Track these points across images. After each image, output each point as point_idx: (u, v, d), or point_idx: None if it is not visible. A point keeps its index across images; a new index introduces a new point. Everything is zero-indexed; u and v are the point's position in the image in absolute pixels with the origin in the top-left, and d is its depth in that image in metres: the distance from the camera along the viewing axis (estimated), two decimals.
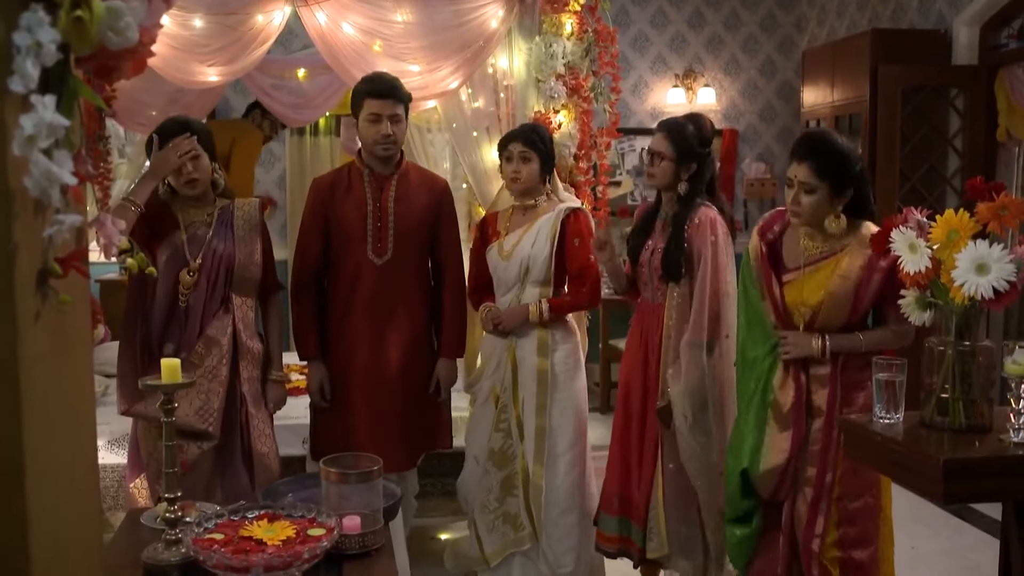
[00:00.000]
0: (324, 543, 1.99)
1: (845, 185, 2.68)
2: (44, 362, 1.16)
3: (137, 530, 2.36)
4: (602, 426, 5.75)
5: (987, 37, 5.76)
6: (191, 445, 2.97)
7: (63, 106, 1.11)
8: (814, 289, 2.73)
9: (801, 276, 2.77)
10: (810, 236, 2.78)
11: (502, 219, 3.51)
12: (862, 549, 2.71)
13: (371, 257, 3.29)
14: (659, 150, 3.23)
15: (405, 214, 3.31)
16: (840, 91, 6.20)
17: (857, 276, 2.67)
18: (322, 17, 4.04)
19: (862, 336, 2.72)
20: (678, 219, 3.21)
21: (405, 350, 3.35)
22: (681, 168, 3.21)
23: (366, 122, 3.22)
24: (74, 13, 1.08)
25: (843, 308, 2.70)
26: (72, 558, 1.30)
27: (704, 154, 3.24)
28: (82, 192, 1.25)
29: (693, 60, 7.51)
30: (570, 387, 3.41)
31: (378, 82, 3.27)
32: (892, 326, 2.70)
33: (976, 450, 2.13)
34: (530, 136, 3.35)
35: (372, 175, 3.32)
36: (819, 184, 2.67)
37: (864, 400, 2.69)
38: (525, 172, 3.35)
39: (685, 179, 3.22)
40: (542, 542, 3.36)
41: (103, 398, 4.37)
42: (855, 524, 2.72)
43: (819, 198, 2.68)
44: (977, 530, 4.35)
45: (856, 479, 2.71)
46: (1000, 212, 2.11)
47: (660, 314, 3.26)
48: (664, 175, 3.23)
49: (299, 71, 5.33)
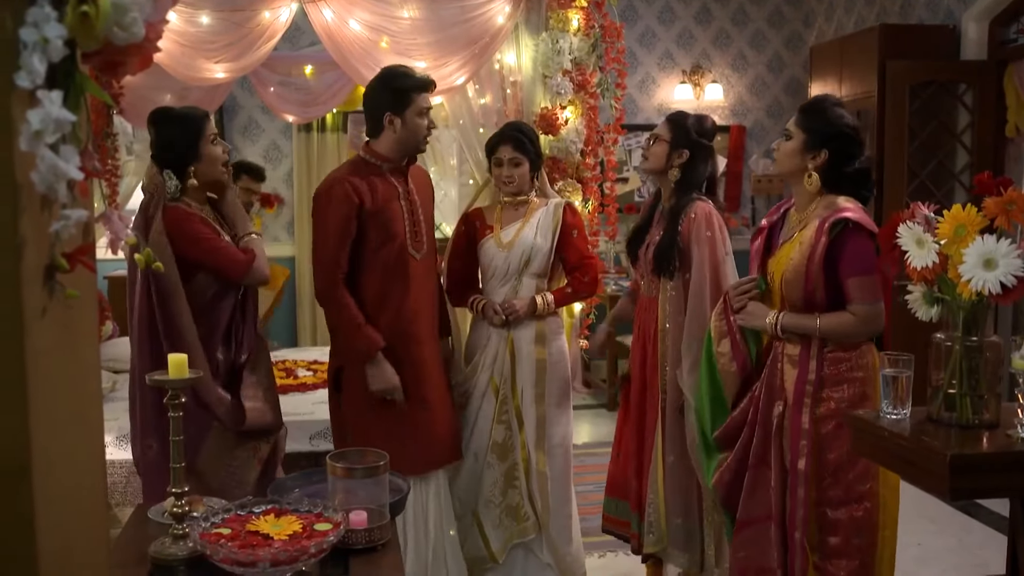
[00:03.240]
0: (330, 538, 2.00)
1: (820, 141, 2.68)
2: (51, 356, 1.16)
3: (144, 525, 2.36)
4: (609, 422, 5.75)
5: (996, 32, 5.75)
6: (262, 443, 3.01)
7: (70, 101, 1.11)
8: (781, 261, 2.72)
9: (780, 249, 2.77)
10: (798, 210, 2.78)
11: (490, 215, 3.53)
12: (846, 560, 2.63)
13: (412, 252, 3.21)
14: (657, 133, 3.33)
15: (424, 207, 3.30)
16: (848, 87, 6.18)
17: (809, 242, 2.63)
18: (328, 14, 4.05)
19: (819, 318, 2.63)
20: (673, 212, 3.26)
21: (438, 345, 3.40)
22: (674, 152, 3.26)
23: (418, 116, 3.13)
24: (80, 9, 1.09)
25: (799, 279, 2.64)
26: (79, 552, 1.30)
27: (698, 143, 3.28)
28: (89, 187, 1.25)
29: (700, 56, 7.50)
30: (563, 379, 3.49)
31: (422, 75, 3.19)
32: (854, 307, 2.60)
33: (983, 446, 2.12)
34: (518, 140, 3.38)
35: (392, 170, 3.20)
36: (796, 132, 2.72)
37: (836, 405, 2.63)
38: (517, 175, 3.40)
39: (677, 165, 3.27)
40: (546, 529, 3.40)
41: (111, 394, 4.39)
42: (836, 534, 2.64)
43: (793, 146, 2.72)
44: (985, 527, 4.35)
45: (837, 486, 2.64)
46: (1008, 207, 2.10)
47: (656, 307, 3.31)
48: (657, 157, 3.29)
49: (306, 68, 5.35)
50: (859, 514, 2.64)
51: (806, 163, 2.70)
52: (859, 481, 2.64)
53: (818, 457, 2.65)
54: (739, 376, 2.83)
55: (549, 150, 3.96)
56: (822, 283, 2.62)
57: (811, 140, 2.69)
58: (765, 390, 2.76)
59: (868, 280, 2.59)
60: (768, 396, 2.75)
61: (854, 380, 2.65)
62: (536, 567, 3.47)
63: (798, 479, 2.66)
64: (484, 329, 3.50)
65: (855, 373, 2.65)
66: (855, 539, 2.64)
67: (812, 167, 2.69)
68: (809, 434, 2.65)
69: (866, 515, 2.65)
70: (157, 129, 2.94)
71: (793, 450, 2.67)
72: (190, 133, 2.89)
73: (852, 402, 2.64)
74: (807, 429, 2.65)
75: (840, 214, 2.59)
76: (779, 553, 2.71)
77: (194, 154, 2.90)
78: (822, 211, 2.67)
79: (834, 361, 2.66)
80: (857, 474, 2.64)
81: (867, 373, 2.66)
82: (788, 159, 2.75)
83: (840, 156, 2.68)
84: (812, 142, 2.69)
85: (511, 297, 3.42)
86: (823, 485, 2.65)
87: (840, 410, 2.63)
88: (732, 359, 2.83)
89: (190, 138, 2.89)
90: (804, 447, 2.65)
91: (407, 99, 3.12)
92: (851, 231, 2.58)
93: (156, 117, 2.97)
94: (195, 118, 2.93)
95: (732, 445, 2.82)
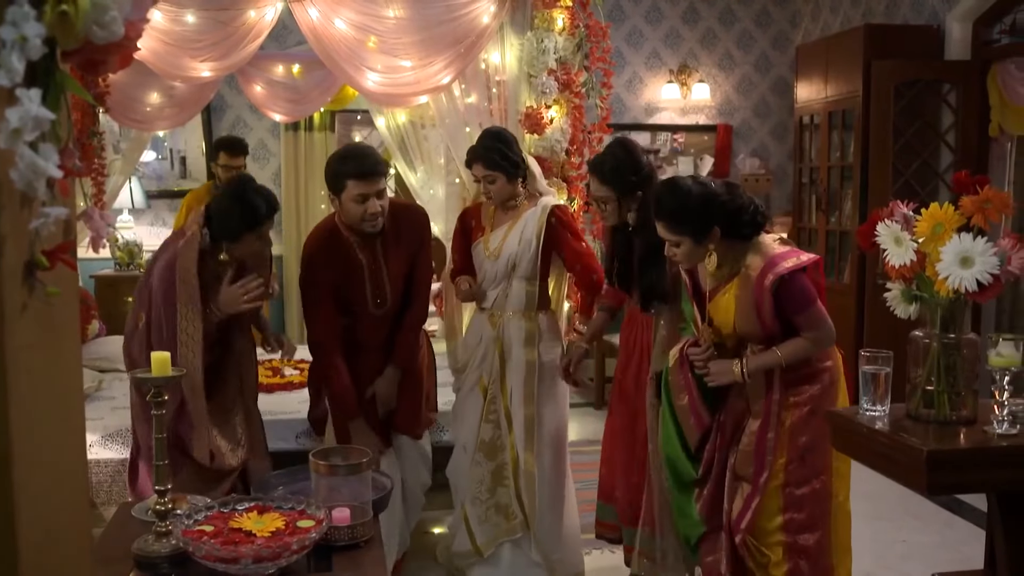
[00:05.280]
0: (313, 534, 2.01)
1: (704, 231, 2.68)
2: (31, 352, 1.17)
3: (128, 523, 2.37)
4: (597, 421, 5.77)
5: (980, 32, 5.78)
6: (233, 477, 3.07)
7: (49, 100, 1.11)
8: (723, 314, 2.76)
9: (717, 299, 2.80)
10: (713, 265, 2.79)
11: (485, 214, 3.55)
12: (809, 533, 2.72)
13: (372, 311, 3.35)
14: (600, 196, 3.25)
15: (395, 265, 3.34)
16: (833, 86, 6.22)
17: (750, 302, 2.68)
18: (314, 13, 4.05)
19: (779, 351, 2.69)
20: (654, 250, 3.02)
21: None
22: (626, 201, 3.21)
23: (352, 202, 3.14)
24: (59, 7, 1.09)
25: (753, 327, 2.71)
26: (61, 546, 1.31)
27: (643, 179, 3.19)
28: (70, 186, 1.26)
29: (687, 55, 7.52)
30: (555, 378, 3.49)
31: (360, 161, 3.15)
32: (806, 334, 2.68)
33: (960, 442, 2.15)
34: (488, 158, 3.37)
35: (362, 241, 3.29)
36: (681, 238, 2.70)
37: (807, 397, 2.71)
38: (494, 190, 3.42)
39: (634, 209, 3.21)
40: (533, 530, 3.41)
41: (97, 393, 4.38)
42: (802, 510, 2.72)
43: (688, 248, 2.71)
44: (967, 523, 4.38)
45: (803, 467, 2.71)
46: (984, 205, 2.13)
47: (648, 321, 3.30)
48: (614, 214, 3.26)
49: (294, 66, 5.34)
50: (818, 487, 2.73)
51: (707, 247, 2.73)
52: (819, 457, 2.71)
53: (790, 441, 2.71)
54: (698, 431, 2.87)
55: (534, 149, 3.97)
56: (775, 321, 2.68)
57: (697, 235, 2.69)
58: (729, 415, 2.83)
59: (812, 311, 2.67)
60: (734, 419, 2.82)
61: (819, 372, 2.74)
62: (524, 564, 3.48)
63: (757, 490, 2.73)
64: (478, 329, 3.53)
65: (816, 365, 2.73)
66: (816, 509, 2.72)
67: (713, 247, 2.72)
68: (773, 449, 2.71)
69: (823, 487, 2.73)
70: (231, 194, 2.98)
71: (757, 463, 2.73)
72: (248, 222, 2.93)
73: (824, 387, 2.72)
74: (772, 446, 2.72)
75: (775, 269, 2.62)
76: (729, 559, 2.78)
77: (237, 238, 2.95)
78: (751, 261, 2.69)
79: (795, 379, 2.73)
80: (821, 452, 2.71)
81: (832, 360, 2.77)
82: (693, 257, 2.75)
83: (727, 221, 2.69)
84: (699, 236, 2.69)
85: (502, 298, 3.45)
86: (790, 468, 2.72)
87: (813, 396, 2.71)
88: (691, 414, 2.87)
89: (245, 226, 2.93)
90: (769, 462, 2.72)
91: (340, 183, 3.14)
92: (787, 279, 2.63)
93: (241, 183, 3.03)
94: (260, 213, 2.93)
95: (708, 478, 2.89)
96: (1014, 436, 2.12)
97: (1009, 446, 2.10)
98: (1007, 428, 2.13)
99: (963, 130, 5.81)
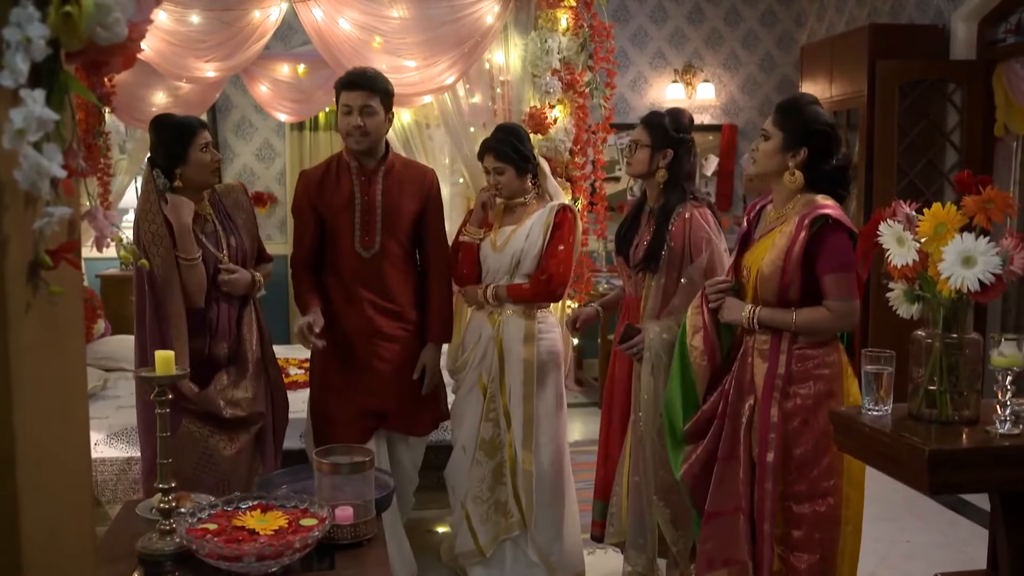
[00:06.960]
0: (316, 533, 2.02)
1: (798, 140, 2.69)
2: (35, 352, 1.18)
3: (132, 521, 2.38)
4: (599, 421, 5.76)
5: (985, 32, 5.77)
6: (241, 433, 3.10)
7: (53, 100, 1.12)
8: (759, 252, 2.74)
9: (756, 244, 2.79)
10: (775, 206, 2.80)
11: (494, 211, 3.55)
12: (800, 554, 2.66)
13: (358, 250, 3.34)
14: (636, 138, 3.30)
15: (393, 207, 3.34)
16: (838, 86, 6.21)
17: (785, 243, 2.65)
18: (319, 13, 4.07)
19: (795, 313, 2.65)
20: (663, 211, 3.24)
21: (396, 338, 3.39)
22: (657, 154, 3.24)
23: (340, 114, 3.26)
24: (63, 9, 1.10)
25: (775, 274, 2.66)
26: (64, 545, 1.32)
27: (679, 140, 3.25)
28: (74, 186, 1.27)
29: (692, 55, 7.52)
30: (554, 377, 3.50)
31: (352, 74, 3.30)
32: (830, 302, 2.62)
33: (962, 442, 2.15)
34: (499, 149, 3.42)
35: (360, 168, 3.34)
36: (774, 131, 2.73)
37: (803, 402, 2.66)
38: (504, 182, 3.45)
39: (663, 166, 3.24)
40: (531, 528, 3.42)
41: (103, 392, 4.39)
42: (800, 528, 2.67)
43: (771, 146, 2.73)
44: (971, 523, 4.37)
45: (804, 482, 2.66)
46: (986, 205, 2.12)
47: (639, 306, 3.30)
48: (641, 162, 3.27)
49: (299, 66, 5.36)
50: (822, 509, 2.66)
51: (786, 162, 2.72)
52: (823, 477, 2.66)
53: (785, 452, 2.68)
54: (709, 369, 2.85)
55: (538, 149, 3.97)
56: (798, 279, 2.64)
57: (789, 139, 2.70)
58: (735, 384, 2.78)
59: (845, 277, 2.62)
60: (738, 390, 2.78)
61: (820, 377, 2.67)
62: (524, 564, 3.49)
63: (766, 472, 2.68)
64: (476, 327, 3.54)
65: (821, 370, 2.68)
66: (817, 533, 2.66)
67: (793, 165, 2.71)
68: (777, 427, 2.68)
69: (829, 511, 2.66)
70: (154, 131, 3.09)
71: (762, 443, 2.70)
72: (182, 138, 3.03)
73: (818, 399, 2.66)
74: (776, 422, 2.68)
75: (820, 210, 2.61)
76: (749, 545, 2.73)
77: (183, 158, 3.02)
78: (801, 208, 2.68)
79: (801, 358, 2.69)
80: (822, 470, 2.66)
81: (833, 370, 2.69)
82: (768, 159, 2.76)
83: (818, 154, 2.70)
84: (791, 140, 2.70)
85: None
86: (788, 479, 2.68)
87: (806, 406, 2.66)
88: (703, 353, 2.85)
89: (182, 143, 3.02)
90: (773, 440, 2.68)
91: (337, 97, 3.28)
92: (830, 228, 2.60)
93: (155, 121, 3.14)
94: (189, 125, 3.08)
95: (702, 438, 2.85)
96: (1016, 436, 2.12)
97: (1011, 446, 2.10)
98: (1009, 428, 2.13)
99: (968, 130, 5.81)
